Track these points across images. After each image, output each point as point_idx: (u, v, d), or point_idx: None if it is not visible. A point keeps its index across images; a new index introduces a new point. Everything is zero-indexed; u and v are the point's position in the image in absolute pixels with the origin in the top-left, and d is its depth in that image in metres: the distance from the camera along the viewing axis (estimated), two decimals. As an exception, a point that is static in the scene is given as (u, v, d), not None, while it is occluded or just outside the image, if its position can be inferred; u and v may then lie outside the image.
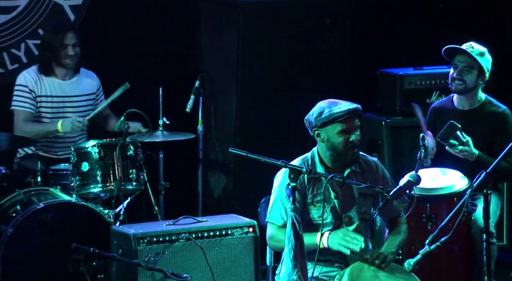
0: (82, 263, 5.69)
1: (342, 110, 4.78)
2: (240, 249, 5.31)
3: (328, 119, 4.79)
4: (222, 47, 7.02)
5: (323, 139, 4.84)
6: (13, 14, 7.00)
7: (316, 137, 4.87)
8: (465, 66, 5.87)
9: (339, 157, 4.85)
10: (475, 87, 5.89)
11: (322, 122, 4.80)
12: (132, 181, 6.04)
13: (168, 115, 6.41)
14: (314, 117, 4.82)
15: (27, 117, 6.35)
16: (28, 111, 6.36)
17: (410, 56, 7.23)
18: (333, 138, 4.81)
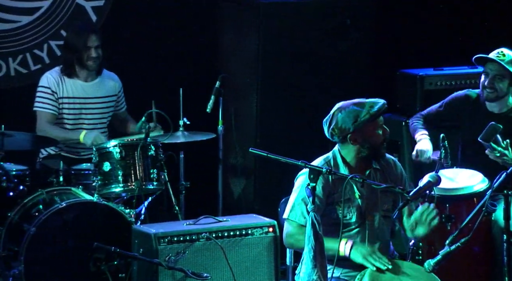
0: (103, 262, 5.69)
1: (380, 105, 4.80)
2: (260, 249, 5.29)
3: (369, 119, 4.78)
4: (242, 47, 7.01)
5: (360, 141, 4.83)
6: (36, 15, 7.02)
7: (350, 141, 4.83)
8: (496, 74, 5.82)
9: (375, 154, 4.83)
10: (506, 94, 5.85)
11: (363, 124, 4.79)
12: (153, 181, 6.03)
13: (188, 115, 6.41)
14: (351, 124, 4.79)
15: (50, 118, 6.36)
16: (50, 112, 6.36)
17: (431, 57, 7.19)
18: (373, 136, 4.82)
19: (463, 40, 7.39)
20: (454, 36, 7.36)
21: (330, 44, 6.94)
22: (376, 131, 4.83)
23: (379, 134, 4.84)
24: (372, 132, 4.82)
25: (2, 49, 6.97)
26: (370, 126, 4.81)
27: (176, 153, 6.45)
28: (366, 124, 4.79)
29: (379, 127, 4.84)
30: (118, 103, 6.62)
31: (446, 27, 7.48)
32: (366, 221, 4.85)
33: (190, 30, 7.30)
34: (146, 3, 7.20)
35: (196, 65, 7.29)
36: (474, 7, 7.45)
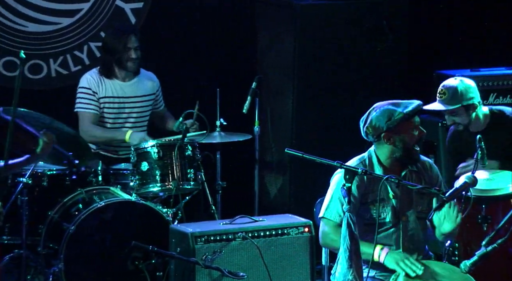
0: (141, 261, 5.69)
1: (414, 106, 4.75)
2: (296, 249, 5.25)
3: (402, 119, 4.73)
4: (279, 48, 6.98)
5: (394, 141, 4.77)
6: (77, 17, 7.04)
7: (384, 140, 4.78)
8: (447, 113, 5.74)
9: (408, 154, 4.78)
10: (473, 118, 5.74)
11: (397, 123, 4.73)
12: (190, 181, 6.02)
13: (225, 116, 6.38)
14: (385, 122, 4.74)
15: (93, 119, 6.36)
16: (93, 112, 6.37)
17: (467, 58, 7.11)
18: (408, 135, 4.76)
19: (501, 40, 7.29)
20: (491, 36, 7.26)
21: (366, 45, 6.89)
22: (411, 131, 4.77)
23: (414, 134, 4.78)
24: (406, 131, 4.76)
25: (44, 51, 7.00)
26: (404, 125, 4.75)
27: (213, 153, 6.43)
28: (399, 123, 4.74)
29: (414, 128, 4.78)
30: (157, 101, 6.61)
31: (483, 27, 7.38)
32: (401, 221, 4.79)
33: (227, 31, 7.28)
34: (184, 5, 7.20)
35: (233, 66, 7.27)
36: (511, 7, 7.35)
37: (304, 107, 6.86)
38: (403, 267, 4.62)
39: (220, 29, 7.28)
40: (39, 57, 6.99)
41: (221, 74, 7.20)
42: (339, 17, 6.86)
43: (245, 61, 7.24)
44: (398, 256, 4.66)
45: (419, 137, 4.79)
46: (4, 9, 6.88)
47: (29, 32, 6.94)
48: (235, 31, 7.29)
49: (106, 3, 7.06)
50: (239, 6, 7.27)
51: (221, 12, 7.26)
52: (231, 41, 7.28)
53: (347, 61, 6.89)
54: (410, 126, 4.76)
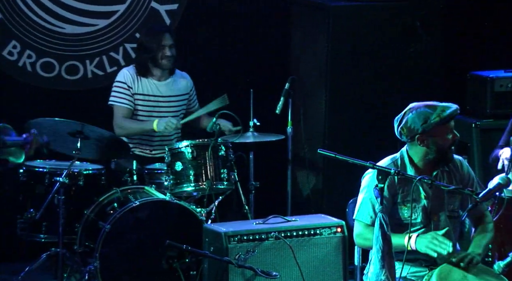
0: (175, 260, 5.68)
1: (452, 110, 4.68)
2: (329, 249, 5.20)
3: (438, 123, 4.66)
4: (312, 49, 6.94)
5: (427, 143, 4.71)
6: (113, 19, 7.05)
7: (418, 142, 4.72)
8: None
9: (441, 157, 4.72)
10: None
11: (432, 127, 4.66)
12: (224, 181, 6.00)
13: (258, 116, 6.35)
14: (420, 124, 4.67)
15: (125, 113, 6.36)
16: (126, 107, 6.37)
17: (501, 59, 7.02)
18: (442, 139, 4.70)
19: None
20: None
21: (399, 46, 6.84)
22: (446, 135, 4.70)
23: (448, 138, 4.71)
24: (441, 135, 4.69)
25: (80, 52, 7.02)
26: (439, 129, 4.68)
27: (246, 153, 6.41)
28: (435, 127, 4.67)
29: (449, 132, 4.71)
30: (190, 101, 6.61)
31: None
32: (432, 221, 4.74)
33: (261, 32, 7.26)
34: (219, 6, 7.18)
35: (267, 67, 7.25)
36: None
37: (336, 107, 6.81)
38: (433, 247, 4.55)
39: (254, 30, 7.26)
40: (75, 58, 7.00)
41: (254, 75, 7.18)
42: (373, 18, 6.81)
43: (279, 62, 7.21)
44: (426, 239, 4.59)
45: (452, 141, 4.72)
46: (42, 11, 6.91)
47: (66, 34, 6.97)
48: (269, 32, 7.26)
49: (141, 4, 7.06)
50: (273, 7, 7.25)
51: (255, 13, 7.25)
52: (265, 42, 7.26)
53: (380, 62, 6.83)
54: (445, 130, 4.69)
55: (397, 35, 6.82)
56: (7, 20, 6.84)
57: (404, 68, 6.86)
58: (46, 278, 6.29)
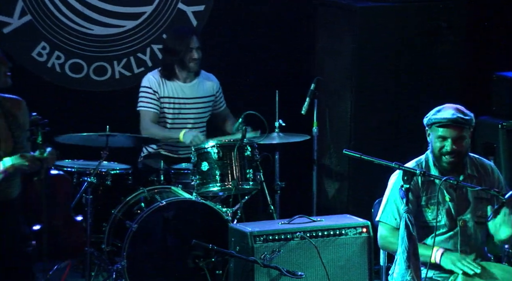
0: (201, 259, 5.67)
1: (442, 117, 4.66)
2: (354, 249, 5.17)
3: (430, 121, 4.71)
4: (338, 50, 6.91)
5: (430, 139, 4.74)
6: (140, 20, 7.06)
7: (427, 137, 4.73)
8: None
9: (437, 160, 4.71)
10: None
11: (427, 123, 4.73)
12: (249, 181, 5.98)
13: (284, 117, 6.33)
14: (427, 117, 4.72)
15: (153, 117, 6.38)
16: (153, 111, 6.38)
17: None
18: (433, 141, 4.72)
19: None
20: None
21: (425, 46, 6.78)
22: (435, 139, 4.69)
23: (437, 144, 4.68)
24: (434, 137, 4.70)
25: (108, 53, 7.03)
26: (431, 130, 4.70)
27: (272, 154, 6.38)
28: (430, 125, 4.70)
29: (439, 138, 4.66)
30: (217, 102, 6.60)
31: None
32: (458, 225, 4.68)
33: (287, 33, 7.24)
34: (245, 7, 7.17)
35: (292, 68, 7.23)
36: None
37: (362, 108, 6.78)
38: (460, 266, 4.52)
39: (279, 31, 7.24)
40: (103, 59, 7.02)
41: (280, 76, 7.16)
42: (398, 19, 6.77)
43: (304, 63, 7.19)
44: (454, 257, 4.57)
45: (440, 148, 4.66)
46: (71, 12, 6.93)
47: (94, 35, 6.98)
48: (294, 33, 7.24)
49: (168, 6, 7.06)
50: (299, 9, 7.22)
51: (281, 14, 7.22)
52: (291, 43, 7.24)
53: (405, 62, 6.79)
54: (434, 134, 4.69)
55: (423, 36, 6.78)
56: (36, 22, 6.87)
57: (430, 69, 6.81)
58: (74, 276, 6.30)
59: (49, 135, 4.83)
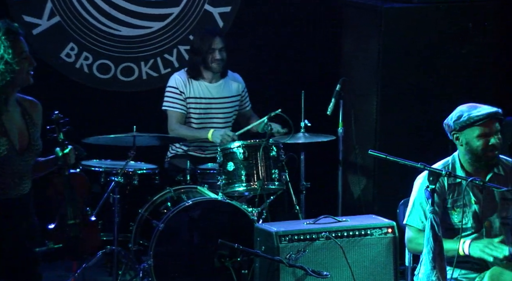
0: (227, 259, 5.64)
1: (481, 114, 4.57)
2: (379, 249, 5.13)
3: (466, 122, 4.61)
4: (364, 51, 6.88)
5: (461, 142, 4.65)
6: (167, 21, 7.06)
7: (455, 140, 4.67)
8: None
9: (478, 160, 4.63)
10: None
11: (461, 126, 4.62)
12: (275, 181, 5.97)
13: (309, 117, 6.31)
14: (453, 121, 4.65)
15: (179, 118, 6.38)
16: (179, 111, 6.39)
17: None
18: (472, 142, 4.62)
19: None
20: None
21: (451, 47, 6.74)
22: (476, 137, 4.59)
23: (478, 142, 4.59)
24: (472, 137, 4.60)
25: (135, 54, 7.04)
26: (469, 129, 4.60)
27: (297, 154, 6.36)
28: (464, 126, 4.61)
29: (481, 136, 4.58)
30: (242, 102, 6.60)
31: None
32: (484, 227, 4.63)
33: (313, 34, 7.22)
34: (271, 9, 7.16)
35: (318, 68, 7.21)
36: None
37: (388, 109, 6.74)
38: (489, 252, 4.47)
39: (305, 31, 7.22)
40: (130, 60, 7.04)
41: (306, 76, 7.14)
42: (425, 19, 6.72)
43: (330, 63, 7.16)
44: (481, 244, 4.52)
45: (484, 146, 4.58)
46: (99, 13, 6.95)
47: (122, 36, 7.00)
48: (320, 33, 7.22)
49: (195, 7, 7.06)
50: (325, 9, 7.20)
51: (307, 15, 7.21)
52: (317, 44, 7.22)
53: (432, 63, 6.75)
54: (476, 133, 4.59)
55: (449, 36, 6.73)
56: (65, 23, 6.89)
57: (456, 69, 6.76)
58: (102, 275, 6.32)
59: (70, 133, 4.87)
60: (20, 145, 4.29)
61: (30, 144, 4.32)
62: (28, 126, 4.34)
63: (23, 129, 4.32)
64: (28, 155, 4.31)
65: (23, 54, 4.29)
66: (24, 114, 4.36)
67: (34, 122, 4.38)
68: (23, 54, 4.29)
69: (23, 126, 4.32)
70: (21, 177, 4.31)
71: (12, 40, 4.24)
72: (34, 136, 4.35)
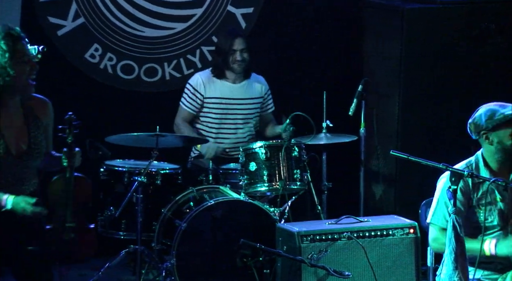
0: (249, 258, 5.63)
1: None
2: (401, 250, 5.10)
3: (502, 121, 4.55)
4: (385, 52, 6.85)
5: (492, 141, 4.60)
6: (190, 22, 7.06)
7: (484, 140, 4.61)
8: None
9: (510, 159, 4.57)
10: None
11: (495, 124, 4.57)
12: (297, 181, 5.95)
13: (331, 118, 6.28)
14: (485, 120, 4.58)
15: (186, 116, 6.41)
16: (188, 110, 6.41)
17: None
18: (505, 140, 4.57)
19: None
20: None
21: (473, 47, 6.69)
22: (506, 139, 4.55)
23: (509, 143, 4.55)
24: (505, 136, 4.56)
25: (158, 55, 7.05)
26: (503, 128, 4.55)
27: (319, 154, 6.34)
28: (499, 125, 4.55)
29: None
30: (264, 104, 6.58)
31: None
32: (509, 225, 4.59)
33: (335, 35, 7.19)
34: (293, 10, 7.15)
35: (340, 69, 7.18)
36: None
37: (410, 109, 6.71)
38: None
39: (327, 32, 7.20)
40: (154, 61, 7.04)
41: (328, 77, 7.12)
42: (446, 20, 6.68)
43: (352, 64, 7.14)
44: (509, 241, 4.48)
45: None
46: (123, 15, 6.95)
47: (146, 37, 7.00)
48: (342, 34, 7.19)
49: (218, 8, 7.06)
50: (347, 10, 7.16)
51: (329, 16, 7.18)
52: (338, 45, 7.19)
53: (453, 64, 6.71)
54: (508, 131, 4.55)
55: (471, 36, 6.68)
56: (89, 24, 6.91)
57: (478, 69, 6.72)
58: (125, 274, 6.33)
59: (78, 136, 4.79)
60: (17, 149, 4.24)
61: (30, 148, 4.27)
62: (30, 129, 4.27)
63: (24, 132, 4.26)
64: (27, 158, 4.26)
65: (23, 58, 4.20)
66: (28, 116, 4.29)
67: (38, 124, 4.31)
68: (24, 57, 4.20)
69: (23, 128, 4.26)
70: (21, 179, 4.26)
71: (11, 44, 4.17)
72: (36, 139, 4.27)
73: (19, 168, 4.23)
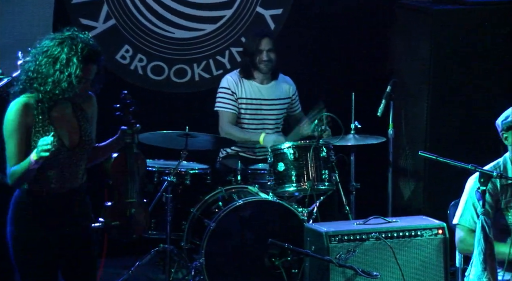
0: (277, 258, 5.62)
1: None
2: (430, 250, 5.05)
3: None
4: (414, 53, 6.81)
5: (510, 142, 4.54)
6: (219, 24, 7.06)
7: (504, 140, 4.58)
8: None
9: None
10: None
11: (508, 126, 4.53)
12: (325, 182, 5.92)
13: (360, 119, 6.25)
14: (501, 121, 4.56)
15: (231, 118, 6.37)
16: (231, 112, 6.37)
17: None
18: None
19: None
20: None
21: (503, 48, 6.63)
22: None
23: None
24: None
25: (188, 56, 7.05)
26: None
27: (347, 155, 6.31)
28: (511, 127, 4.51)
29: None
30: (292, 105, 6.56)
31: None
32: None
33: (363, 35, 7.16)
34: (322, 11, 7.12)
35: (368, 70, 7.14)
36: None
37: (438, 110, 6.66)
38: None
39: (356, 33, 7.17)
40: (183, 62, 7.05)
41: (356, 78, 7.08)
42: (475, 21, 6.63)
43: (380, 65, 7.10)
44: None
45: None
46: (153, 16, 6.97)
47: (176, 38, 7.01)
48: (371, 35, 7.16)
49: (247, 9, 7.05)
50: (376, 11, 7.13)
51: (358, 17, 7.15)
52: (367, 45, 7.16)
53: (482, 65, 6.65)
54: None
55: (501, 37, 6.62)
56: (120, 26, 6.93)
57: (507, 70, 6.65)
58: (155, 272, 6.34)
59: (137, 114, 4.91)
60: (71, 142, 4.31)
61: (81, 140, 4.34)
62: (80, 122, 4.35)
63: (74, 124, 4.33)
64: (80, 150, 4.33)
65: (87, 76, 4.29)
66: (76, 110, 4.38)
67: (86, 118, 4.39)
68: (87, 76, 4.29)
69: (73, 122, 4.34)
70: (75, 171, 4.33)
71: (88, 63, 4.25)
72: (86, 132, 4.36)
73: (72, 161, 4.29)
